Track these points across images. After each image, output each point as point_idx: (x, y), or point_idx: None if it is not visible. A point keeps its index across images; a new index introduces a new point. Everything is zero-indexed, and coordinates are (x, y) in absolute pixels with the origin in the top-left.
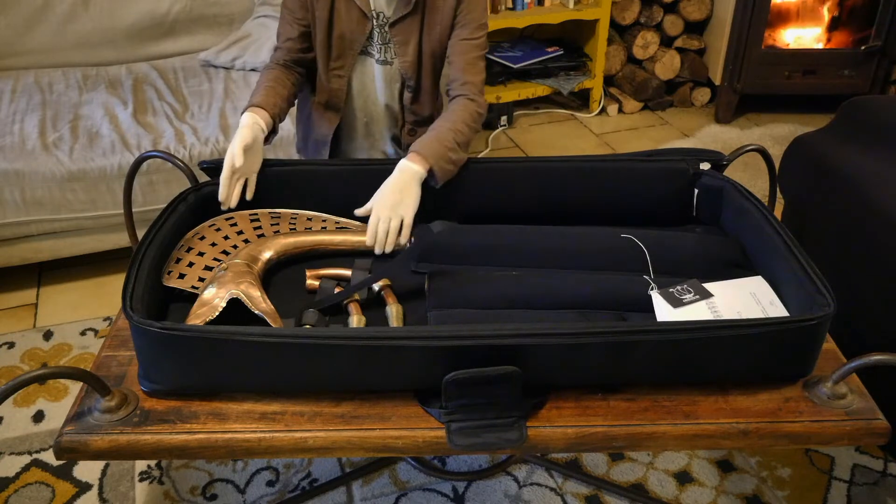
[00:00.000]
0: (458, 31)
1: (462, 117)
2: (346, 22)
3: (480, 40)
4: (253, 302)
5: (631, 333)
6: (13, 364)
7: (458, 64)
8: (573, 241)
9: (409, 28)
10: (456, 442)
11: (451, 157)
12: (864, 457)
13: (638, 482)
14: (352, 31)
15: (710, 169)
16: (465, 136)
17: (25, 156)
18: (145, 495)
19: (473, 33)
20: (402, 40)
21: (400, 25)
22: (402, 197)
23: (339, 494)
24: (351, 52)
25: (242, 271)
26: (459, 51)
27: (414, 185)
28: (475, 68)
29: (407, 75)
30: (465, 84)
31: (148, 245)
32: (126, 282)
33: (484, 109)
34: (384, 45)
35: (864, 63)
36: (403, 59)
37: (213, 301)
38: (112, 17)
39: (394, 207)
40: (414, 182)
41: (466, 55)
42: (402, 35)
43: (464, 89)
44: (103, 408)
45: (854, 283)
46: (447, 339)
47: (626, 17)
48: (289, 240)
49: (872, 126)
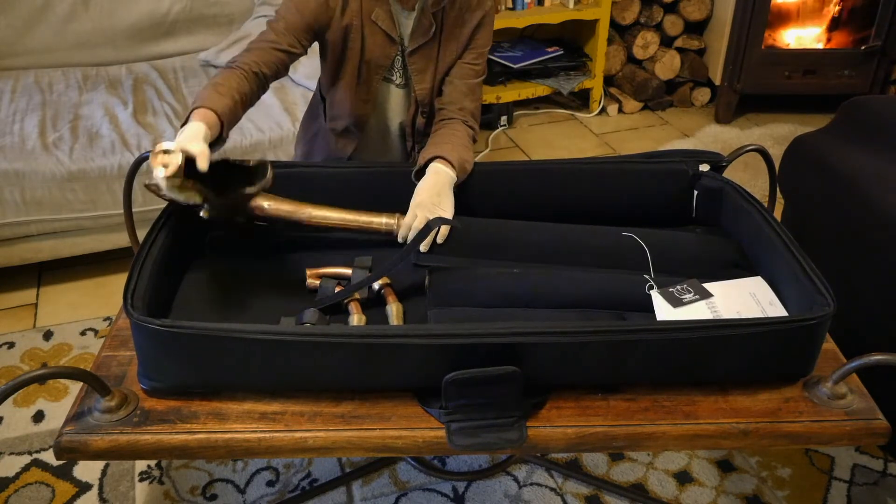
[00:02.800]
0: (466, 54)
1: (467, 132)
2: (374, 48)
3: (481, 68)
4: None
5: (631, 333)
6: (13, 364)
7: (458, 87)
8: (574, 237)
9: (426, 56)
10: (456, 442)
11: (467, 168)
12: (864, 457)
13: (638, 482)
14: (378, 57)
15: (709, 170)
16: (471, 150)
17: (25, 156)
18: (145, 495)
19: (478, 59)
20: (419, 68)
21: (418, 53)
22: (440, 200)
23: (339, 494)
24: (376, 77)
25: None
26: (461, 74)
27: (448, 189)
28: (474, 94)
29: (424, 101)
30: (463, 110)
31: (150, 245)
32: (128, 280)
33: (477, 137)
34: (402, 69)
35: (864, 63)
36: (421, 87)
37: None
38: (112, 17)
39: (433, 210)
40: (448, 186)
41: (468, 80)
42: (420, 63)
43: (461, 115)
44: (103, 408)
45: (854, 283)
46: (447, 339)
47: (626, 17)
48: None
49: (872, 126)
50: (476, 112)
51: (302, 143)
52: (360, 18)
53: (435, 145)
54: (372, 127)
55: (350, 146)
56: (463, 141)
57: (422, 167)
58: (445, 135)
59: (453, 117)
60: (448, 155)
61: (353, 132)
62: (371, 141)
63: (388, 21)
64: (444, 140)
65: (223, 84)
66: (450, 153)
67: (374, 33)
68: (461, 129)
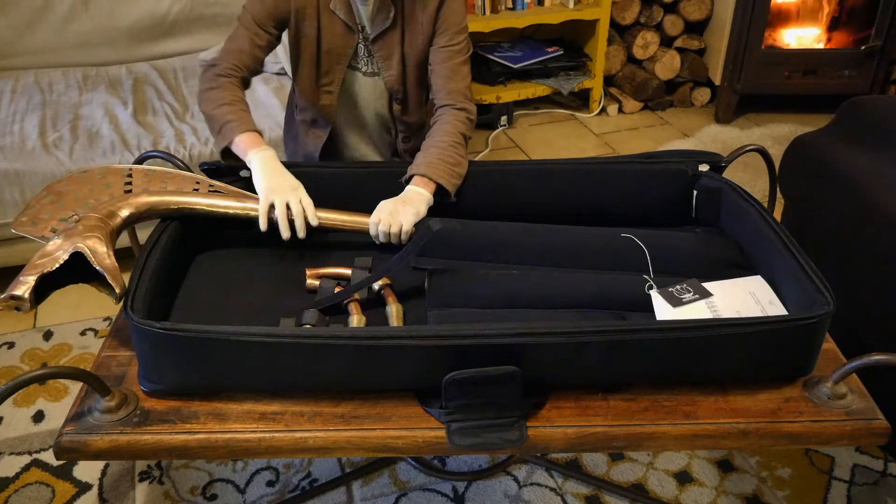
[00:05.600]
0: (438, 38)
1: (457, 128)
2: (332, 37)
3: (461, 45)
4: (96, 257)
5: (630, 333)
6: (13, 364)
7: (440, 72)
8: (573, 238)
9: (390, 42)
10: (456, 442)
11: (457, 171)
12: (864, 457)
13: (638, 482)
14: (338, 46)
15: (708, 170)
16: (463, 146)
17: (25, 156)
18: (145, 495)
19: (453, 39)
20: (385, 54)
21: (381, 41)
22: (405, 208)
23: (339, 494)
24: (339, 66)
25: (93, 225)
26: (441, 59)
27: (419, 204)
28: (458, 74)
29: (393, 88)
30: (451, 93)
31: (152, 246)
32: (129, 283)
33: (474, 114)
34: (369, 58)
35: (864, 63)
36: (388, 73)
37: (56, 253)
38: (112, 17)
39: (393, 214)
40: (420, 202)
41: (448, 62)
42: (385, 49)
43: (449, 98)
44: (103, 408)
45: (854, 283)
46: (447, 339)
47: (626, 17)
48: (151, 199)
49: (872, 126)
50: (466, 90)
51: (288, 141)
52: (315, 7)
53: (424, 152)
54: (344, 118)
55: (320, 139)
56: (450, 138)
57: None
58: (433, 135)
59: (444, 104)
60: (430, 170)
61: (320, 123)
62: (347, 132)
63: (346, 9)
64: (430, 144)
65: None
66: (434, 167)
67: (332, 22)
68: (451, 122)
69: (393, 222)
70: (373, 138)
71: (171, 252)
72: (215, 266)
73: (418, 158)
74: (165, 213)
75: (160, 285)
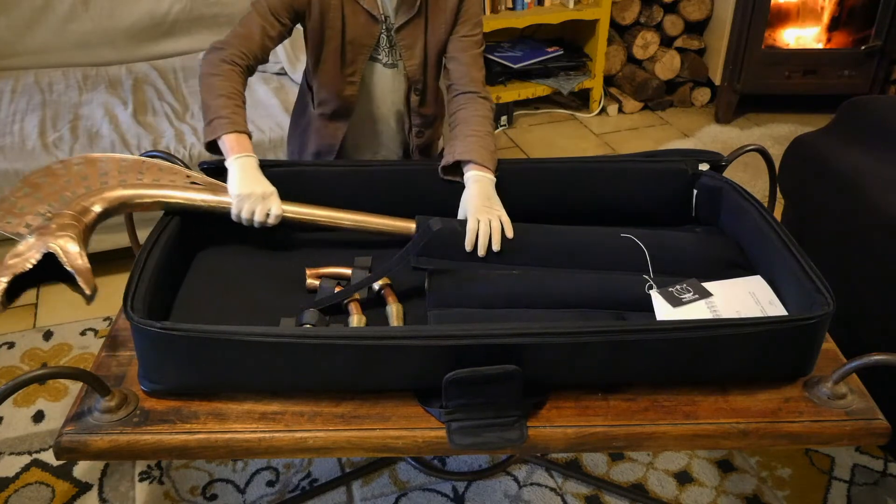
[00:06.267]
0: (459, 27)
1: (487, 115)
2: (356, 27)
3: (479, 37)
4: (68, 257)
5: (630, 332)
6: (13, 364)
7: (461, 60)
8: (573, 238)
9: (414, 32)
10: (456, 442)
11: (496, 157)
12: (864, 457)
13: (638, 482)
14: (361, 36)
15: (708, 170)
16: (494, 135)
17: (25, 156)
18: (145, 495)
19: (473, 30)
20: (408, 44)
21: (405, 29)
22: (492, 202)
23: (339, 494)
24: (361, 56)
25: (66, 223)
26: (462, 48)
27: (494, 191)
28: (478, 65)
29: (414, 78)
30: (474, 81)
31: (152, 245)
32: (129, 282)
33: (493, 105)
34: (391, 48)
35: (864, 63)
36: (410, 63)
37: (27, 253)
38: (112, 17)
39: (490, 212)
40: (492, 188)
41: (469, 52)
42: (408, 39)
43: (472, 86)
44: (103, 408)
45: (854, 283)
46: (447, 339)
47: (626, 17)
48: (125, 192)
49: (872, 126)
50: (484, 81)
51: (294, 138)
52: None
53: (463, 140)
54: (361, 110)
55: (340, 130)
56: (487, 128)
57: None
58: (469, 123)
59: (468, 90)
60: (480, 158)
61: (341, 115)
62: (362, 126)
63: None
64: (468, 132)
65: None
66: (480, 154)
67: (356, 12)
68: (482, 111)
69: (492, 217)
70: (387, 132)
71: (171, 250)
72: (215, 264)
73: (461, 145)
74: (140, 207)
75: (160, 284)
